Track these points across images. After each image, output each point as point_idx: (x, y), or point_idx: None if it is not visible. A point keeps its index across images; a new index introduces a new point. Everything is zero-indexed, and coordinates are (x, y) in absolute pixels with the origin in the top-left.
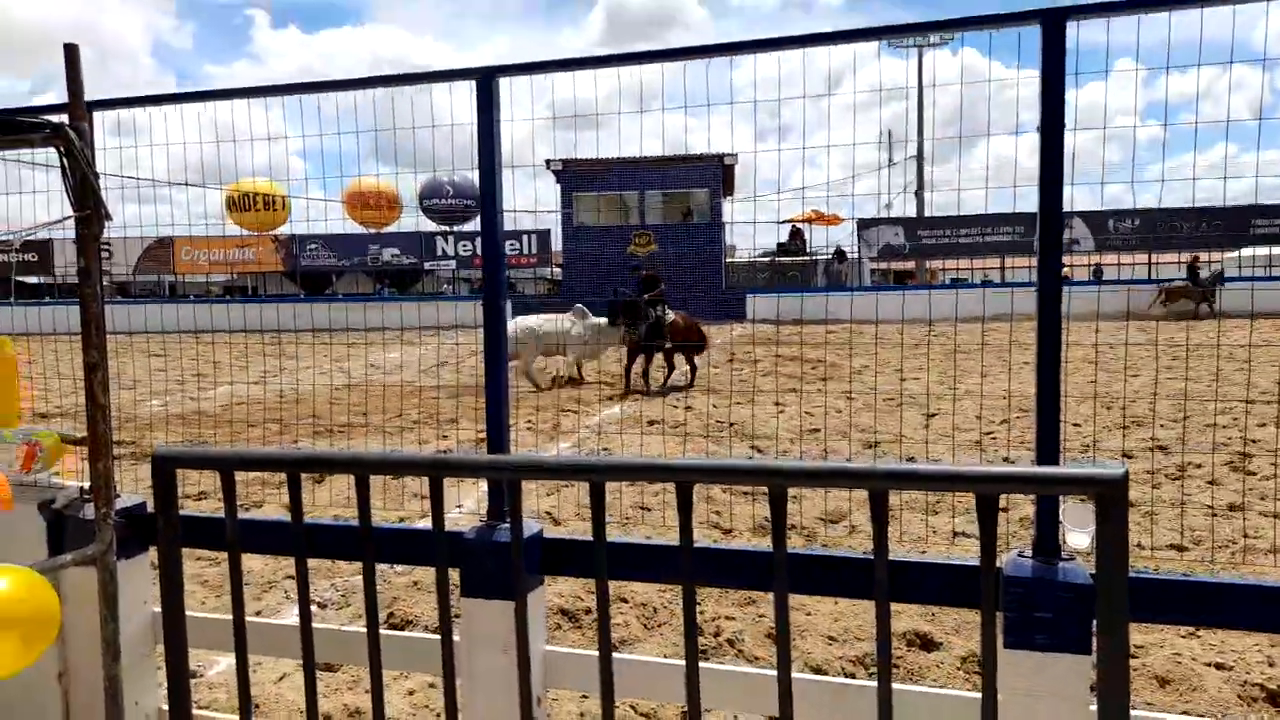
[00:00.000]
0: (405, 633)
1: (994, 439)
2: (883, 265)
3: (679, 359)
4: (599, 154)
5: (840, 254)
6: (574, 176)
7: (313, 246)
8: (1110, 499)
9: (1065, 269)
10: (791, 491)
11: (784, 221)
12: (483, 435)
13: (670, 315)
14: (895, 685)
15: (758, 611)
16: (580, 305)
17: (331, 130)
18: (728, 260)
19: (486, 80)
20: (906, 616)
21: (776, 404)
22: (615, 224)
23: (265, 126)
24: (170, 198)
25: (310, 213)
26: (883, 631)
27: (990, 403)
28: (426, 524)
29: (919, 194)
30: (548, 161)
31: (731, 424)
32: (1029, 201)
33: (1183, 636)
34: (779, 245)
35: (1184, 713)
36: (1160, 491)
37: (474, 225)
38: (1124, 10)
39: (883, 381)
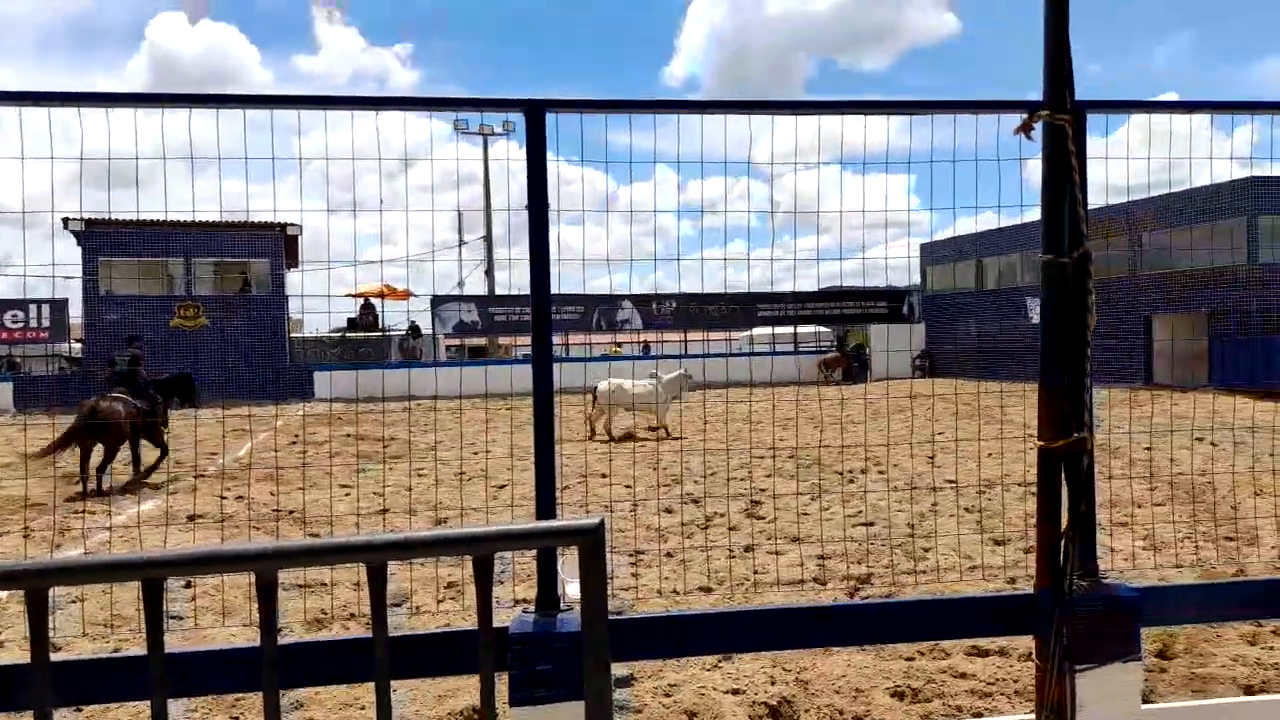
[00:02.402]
0: None
1: (560, 504)
2: (457, 341)
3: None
4: (141, 215)
5: (414, 329)
6: (101, 238)
7: None
8: (588, 548)
9: (618, 346)
10: (364, 576)
11: (353, 295)
12: None
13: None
14: None
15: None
16: (653, 371)
17: None
18: (293, 335)
19: None
20: (465, 693)
21: (343, 486)
22: (155, 293)
23: None
24: None
25: None
26: (383, 713)
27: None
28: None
29: (489, 274)
30: (65, 220)
31: (290, 511)
32: (597, 284)
33: (708, 670)
34: (349, 320)
35: None
36: (692, 540)
37: None
38: (594, 109)
39: (455, 456)
